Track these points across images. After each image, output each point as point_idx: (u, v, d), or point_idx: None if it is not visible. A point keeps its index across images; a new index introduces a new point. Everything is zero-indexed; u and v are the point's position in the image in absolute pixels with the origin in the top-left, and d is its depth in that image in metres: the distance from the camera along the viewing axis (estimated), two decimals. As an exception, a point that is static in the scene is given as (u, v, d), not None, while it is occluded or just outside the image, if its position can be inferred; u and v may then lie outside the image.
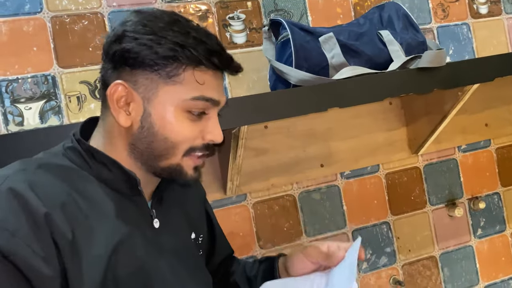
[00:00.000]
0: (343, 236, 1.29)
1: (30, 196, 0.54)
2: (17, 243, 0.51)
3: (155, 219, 0.67)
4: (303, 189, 1.26)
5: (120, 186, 0.64)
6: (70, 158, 0.63)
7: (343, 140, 1.28)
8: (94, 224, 0.59)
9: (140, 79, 0.61)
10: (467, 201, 1.41)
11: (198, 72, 0.62)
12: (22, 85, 1.04)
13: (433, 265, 1.37)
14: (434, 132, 1.25)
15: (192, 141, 0.64)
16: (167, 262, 0.67)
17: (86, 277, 0.56)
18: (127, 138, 0.63)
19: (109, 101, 0.62)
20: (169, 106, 0.61)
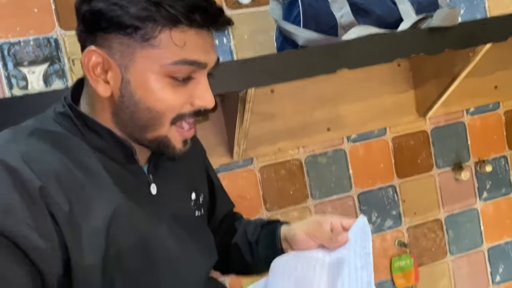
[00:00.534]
0: (349, 199, 1.30)
1: (23, 169, 0.52)
2: (12, 219, 0.50)
3: (152, 185, 0.65)
4: (309, 153, 1.26)
5: (115, 155, 0.61)
6: (62, 124, 0.60)
7: (350, 103, 1.27)
8: (90, 194, 0.57)
9: (114, 44, 0.56)
10: (474, 164, 1.40)
11: (177, 33, 0.55)
12: (25, 48, 1.02)
13: (438, 228, 1.38)
14: (442, 95, 1.23)
15: (178, 108, 0.59)
16: (167, 227, 0.65)
17: (86, 249, 0.55)
18: (110, 107, 0.59)
19: (84, 69, 0.58)
20: (149, 73, 0.56)
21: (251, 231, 0.81)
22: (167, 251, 0.64)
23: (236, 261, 0.82)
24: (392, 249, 1.34)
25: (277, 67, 0.90)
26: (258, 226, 0.81)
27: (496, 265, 1.44)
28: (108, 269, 0.57)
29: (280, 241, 0.75)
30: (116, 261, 0.58)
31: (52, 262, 0.52)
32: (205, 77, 0.61)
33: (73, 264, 0.54)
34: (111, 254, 0.57)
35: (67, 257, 0.54)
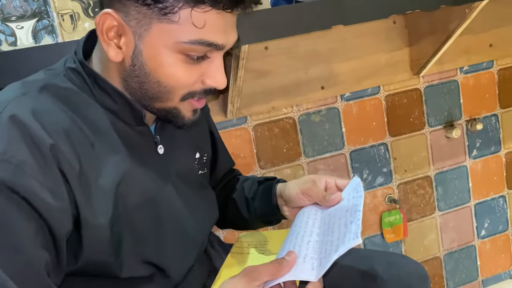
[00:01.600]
0: (341, 157, 1.31)
1: (34, 125, 0.51)
2: (22, 175, 0.49)
3: (159, 145, 0.66)
4: (303, 112, 1.27)
5: (124, 116, 0.61)
6: (72, 80, 0.59)
7: (344, 61, 1.26)
8: (100, 153, 0.57)
9: (131, 11, 0.54)
10: (465, 122, 1.42)
11: (198, 13, 0.53)
12: (12, 2, 0.99)
13: (428, 185, 1.41)
14: (437, 53, 1.23)
15: (189, 86, 0.58)
16: (172, 185, 0.67)
17: (96, 207, 0.55)
18: (120, 73, 0.59)
19: (98, 31, 0.56)
20: (162, 47, 0.55)
21: (248, 187, 0.83)
22: (173, 209, 0.66)
23: (233, 215, 0.84)
24: (382, 205, 1.37)
25: (271, 23, 0.89)
26: (255, 183, 0.83)
27: (482, 220, 1.49)
28: (116, 226, 0.58)
29: (276, 198, 0.77)
30: (124, 218, 0.59)
31: (62, 219, 0.52)
32: (220, 58, 0.59)
33: (82, 221, 0.54)
34: (119, 212, 0.58)
35: (77, 214, 0.54)
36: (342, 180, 0.71)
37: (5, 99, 0.54)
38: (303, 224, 0.67)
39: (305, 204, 0.72)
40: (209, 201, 0.77)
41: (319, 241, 0.62)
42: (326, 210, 0.69)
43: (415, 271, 0.74)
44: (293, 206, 0.74)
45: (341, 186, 0.71)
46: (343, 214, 0.63)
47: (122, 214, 0.58)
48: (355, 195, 0.65)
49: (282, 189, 0.76)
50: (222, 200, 0.84)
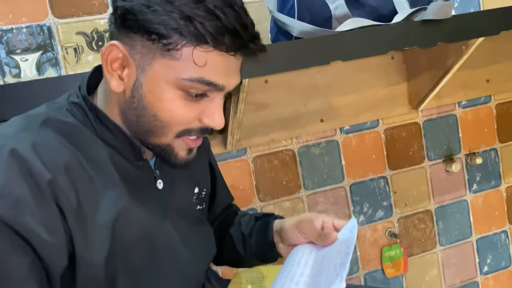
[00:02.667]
0: (341, 190, 1.31)
1: (33, 160, 0.51)
2: (19, 211, 0.49)
3: (159, 180, 0.66)
4: (302, 144, 1.27)
5: (124, 152, 0.61)
6: (75, 114, 0.60)
7: (343, 95, 1.27)
8: (98, 188, 0.57)
9: (137, 45, 0.55)
10: (465, 156, 1.42)
11: (200, 52, 0.54)
12: (17, 35, 1.01)
13: (428, 219, 1.40)
14: (435, 88, 1.24)
15: (186, 123, 0.58)
16: (170, 221, 0.66)
17: (92, 243, 0.55)
18: (120, 104, 0.59)
19: (102, 61, 0.57)
20: (162, 82, 0.55)
21: (245, 223, 0.82)
22: (170, 245, 0.65)
23: (229, 252, 0.83)
24: (382, 239, 1.36)
25: (271, 58, 0.90)
26: (252, 218, 0.82)
27: (484, 256, 1.47)
28: (111, 263, 0.57)
29: (272, 234, 0.76)
30: (120, 254, 0.58)
31: (57, 256, 0.52)
32: (220, 98, 0.59)
33: (77, 258, 0.54)
34: (115, 248, 0.57)
35: (73, 250, 0.53)
36: (340, 220, 0.70)
37: (6, 133, 0.54)
38: (295, 263, 0.66)
39: (301, 242, 0.71)
40: (207, 237, 0.76)
41: (308, 282, 0.60)
42: (320, 250, 0.68)
43: None
44: (289, 243, 0.73)
45: (338, 226, 0.70)
46: (334, 255, 0.62)
47: (118, 250, 0.58)
48: (350, 236, 0.64)
49: (279, 225, 0.75)
50: (219, 235, 0.83)
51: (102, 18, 1.07)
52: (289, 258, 0.68)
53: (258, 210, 1.24)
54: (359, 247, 1.34)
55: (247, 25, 0.55)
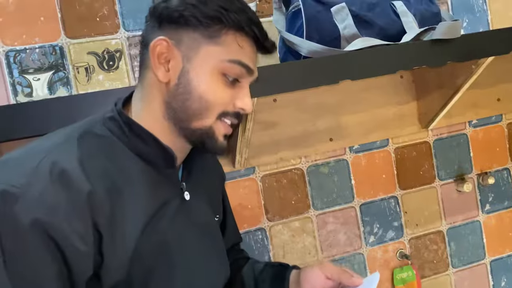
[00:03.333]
0: (351, 210, 1.29)
1: (74, 172, 0.54)
2: (56, 217, 0.51)
3: (186, 192, 0.69)
4: (311, 163, 1.26)
5: (155, 160, 0.64)
6: (110, 128, 0.64)
7: (352, 114, 1.27)
8: (128, 199, 0.59)
9: (184, 37, 0.62)
10: (476, 176, 1.40)
11: (239, 37, 0.63)
12: (30, 55, 1.03)
13: (440, 240, 1.37)
14: (445, 107, 1.23)
15: (225, 105, 0.64)
16: (191, 235, 0.68)
17: (119, 253, 0.57)
18: (164, 96, 0.64)
19: (151, 55, 0.63)
20: (207, 66, 0.62)
21: (259, 270, 0.83)
22: (188, 258, 0.67)
23: None
24: (394, 260, 1.33)
25: (280, 77, 0.91)
26: (268, 266, 0.83)
27: (498, 278, 1.43)
28: (132, 272, 0.59)
29: (289, 283, 0.77)
30: (140, 264, 0.60)
31: (85, 265, 0.54)
32: (247, 85, 0.67)
33: (104, 266, 0.56)
34: (137, 257, 0.59)
35: (101, 260, 0.56)
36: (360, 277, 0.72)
37: (48, 146, 0.58)
38: None
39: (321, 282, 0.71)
40: (223, 257, 0.77)
41: None
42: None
43: None
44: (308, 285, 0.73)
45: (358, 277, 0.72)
46: None
47: (138, 259, 0.59)
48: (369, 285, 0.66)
49: (297, 272, 0.76)
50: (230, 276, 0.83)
51: (113, 38, 1.08)
52: None
53: (266, 230, 1.23)
54: (370, 268, 1.31)
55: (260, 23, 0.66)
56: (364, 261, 1.31)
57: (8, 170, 0.54)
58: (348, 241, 1.29)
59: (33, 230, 0.50)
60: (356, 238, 1.30)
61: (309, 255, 1.26)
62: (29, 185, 0.52)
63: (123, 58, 1.09)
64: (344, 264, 1.29)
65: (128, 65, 1.09)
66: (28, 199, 0.51)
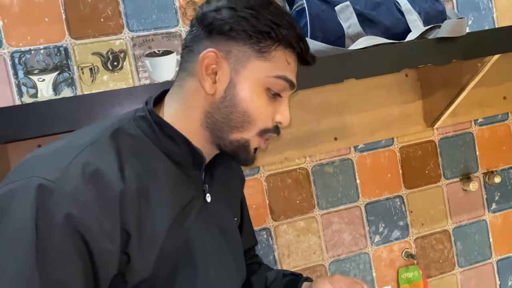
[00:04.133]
0: (356, 209, 1.29)
1: (106, 171, 0.55)
2: (86, 213, 0.52)
3: (207, 194, 0.69)
4: (316, 163, 1.26)
5: (183, 161, 0.65)
6: (141, 127, 0.64)
7: (357, 113, 1.26)
8: (154, 199, 0.60)
9: (233, 50, 0.63)
10: (482, 175, 1.39)
11: (288, 53, 0.65)
12: (35, 56, 1.04)
13: (446, 239, 1.37)
14: (450, 105, 1.22)
15: (267, 121, 0.65)
16: (212, 237, 0.68)
17: (144, 253, 0.57)
18: (206, 106, 0.64)
19: (199, 65, 0.63)
20: (254, 81, 0.63)
21: (272, 278, 0.83)
22: (208, 260, 0.67)
23: None
24: (399, 260, 1.32)
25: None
26: (280, 275, 0.83)
27: (505, 278, 1.42)
28: (157, 271, 0.59)
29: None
30: (165, 263, 0.60)
31: (111, 264, 0.54)
32: (287, 99, 0.68)
33: (131, 266, 0.56)
34: (162, 257, 0.60)
35: (127, 259, 0.56)
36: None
37: (80, 144, 0.58)
38: None
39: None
40: (241, 259, 0.77)
41: None
42: None
43: None
44: None
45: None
46: None
47: (161, 259, 0.60)
48: None
49: (308, 285, 0.77)
50: None
51: (117, 38, 1.09)
52: None
53: (271, 229, 1.23)
54: (375, 268, 1.31)
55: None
56: (370, 260, 1.30)
57: (42, 165, 0.54)
58: (353, 241, 1.29)
59: (64, 224, 0.50)
60: (361, 238, 1.30)
61: (314, 254, 1.26)
62: (62, 181, 0.52)
63: (127, 58, 1.09)
64: (349, 264, 1.29)
65: (133, 66, 1.10)
66: (62, 193, 0.51)
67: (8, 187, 0.52)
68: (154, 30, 1.11)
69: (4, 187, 0.53)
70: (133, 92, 0.83)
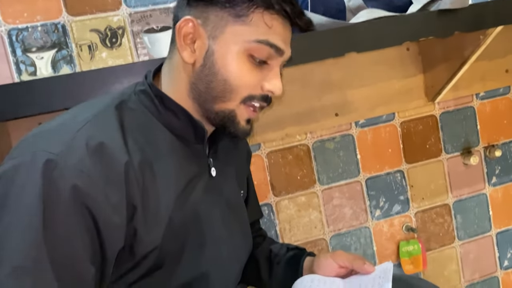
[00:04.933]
0: (356, 184, 1.29)
1: (110, 145, 0.55)
2: (92, 186, 0.52)
3: (212, 168, 0.69)
4: (317, 139, 1.26)
5: (186, 134, 0.65)
6: (142, 101, 0.64)
7: (358, 88, 1.26)
8: (159, 173, 0.60)
9: (211, 16, 0.61)
10: (483, 149, 1.39)
11: (267, 16, 0.61)
12: (33, 34, 1.03)
13: (446, 213, 1.38)
14: (452, 79, 1.21)
15: (251, 88, 0.62)
16: (220, 209, 0.69)
17: (151, 227, 0.58)
18: (189, 76, 0.63)
19: (177, 35, 0.62)
20: (233, 46, 0.60)
21: (275, 251, 0.83)
22: (215, 232, 0.67)
23: (250, 273, 0.83)
24: (400, 234, 1.34)
25: (284, 51, 0.90)
26: (283, 248, 0.83)
27: (504, 250, 1.44)
28: (165, 243, 0.60)
29: (302, 269, 0.77)
30: (173, 235, 0.61)
31: (117, 236, 0.55)
32: (277, 66, 0.64)
33: (138, 238, 0.57)
34: (167, 230, 0.60)
35: (134, 232, 0.56)
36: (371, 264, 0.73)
37: (83, 118, 0.57)
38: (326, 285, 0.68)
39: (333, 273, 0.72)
40: (247, 231, 0.78)
41: None
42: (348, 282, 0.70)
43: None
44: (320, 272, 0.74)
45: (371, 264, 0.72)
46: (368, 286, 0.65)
47: (169, 232, 0.60)
48: (384, 273, 0.66)
49: (310, 261, 0.77)
50: None
51: (115, 15, 1.07)
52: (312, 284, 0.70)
53: (273, 205, 1.24)
54: (376, 242, 1.33)
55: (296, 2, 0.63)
56: (370, 234, 1.32)
57: (46, 139, 0.54)
58: (354, 215, 1.30)
59: (71, 197, 0.50)
60: (362, 212, 1.31)
61: (315, 229, 1.28)
62: (66, 154, 0.52)
63: (125, 35, 1.08)
64: (350, 238, 1.30)
65: (131, 42, 1.08)
66: (66, 166, 0.51)
67: (12, 162, 0.52)
68: (152, 5, 1.10)
69: (9, 162, 0.53)
70: (132, 69, 0.83)
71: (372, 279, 0.67)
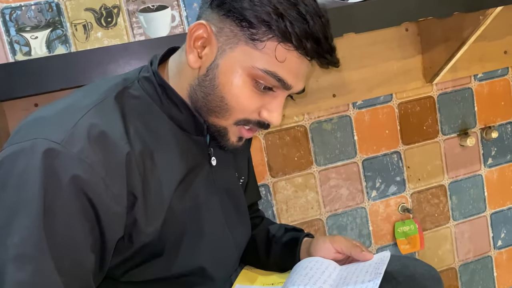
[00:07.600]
0: (353, 165, 1.30)
1: (112, 134, 0.54)
2: (93, 176, 0.51)
3: (213, 157, 0.68)
4: (314, 120, 1.26)
5: (187, 127, 0.64)
6: (145, 88, 0.63)
7: (356, 69, 1.25)
8: (159, 162, 0.60)
9: (226, 28, 0.59)
10: (480, 130, 1.40)
11: (282, 48, 0.57)
12: (26, 12, 1.01)
13: (442, 194, 1.39)
14: (450, 60, 1.21)
15: (247, 113, 0.61)
16: (219, 198, 0.69)
17: (151, 215, 0.58)
18: (192, 78, 0.62)
19: (188, 36, 0.60)
20: (238, 67, 0.58)
21: (273, 231, 0.84)
22: (214, 220, 0.68)
23: (248, 253, 0.83)
24: (395, 214, 1.35)
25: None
26: (282, 229, 0.84)
27: (498, 230, 1.46)
28: (162, 233, 0.60)
29: (300, 251, 0.78)
30: (172, 225, 0.61)
31: (117, 225, 0.55)
32: (282, 97, 0.62)
33: (137, 227, 0.57)
34: (167, 219, 0.60)
35: (134, 221, 0.56)
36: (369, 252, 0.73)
37: (85, 104, 0.57)
38: (319, 271, 0.68)
39: (329, 255, 0.73)
40: (246, 219, 0.79)
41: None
42: (345, 268, 0.70)
43: (428, 273, 0.74)
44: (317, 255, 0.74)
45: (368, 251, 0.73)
46: (362, 273, 0.65)
47: (169, 220, 0.61)
48: (380, 262, 0.67)
49: (308, 243, 0.77)
50: None
51: (110, -7, 1.05)
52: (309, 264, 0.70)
53: (270, 186, 1.25)
54: (371, 222, 1.34)
55: (329, 37, 0.59)
56: (366, 215, 1.33)
57: (47, 126, 0.53)
58: (351, 196, 1.31)
59: (71, 186, 0.50)
60: (359, 193, 1.32)
61: (312, 209, 1.29)
62: (68, 143, 0.51)
63: (121, 14, 1.06)
64: (346, 218, 1.31)
65: (127, 22, 1.07)
66: (68, 155, 0.51)
67: (12, 148, 0.52)
68: (147, -16, 1.08)
69: (9, 148, 0.52)
70: (128, 48, 0.82)
71: (367, 266, 0.68)
